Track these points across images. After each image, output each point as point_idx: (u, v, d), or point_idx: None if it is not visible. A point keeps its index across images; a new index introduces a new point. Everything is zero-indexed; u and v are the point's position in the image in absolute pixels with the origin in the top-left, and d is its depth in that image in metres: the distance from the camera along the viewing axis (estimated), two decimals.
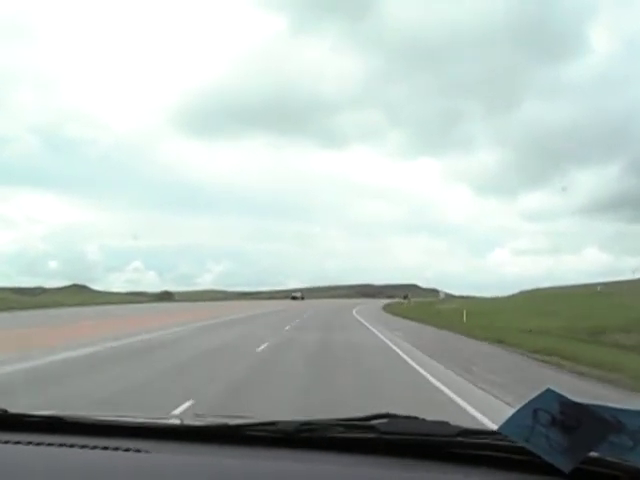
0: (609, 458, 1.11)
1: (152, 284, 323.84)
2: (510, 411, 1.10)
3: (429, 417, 1.42)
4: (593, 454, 1.10)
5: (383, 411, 1.42)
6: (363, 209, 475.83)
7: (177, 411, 7.14)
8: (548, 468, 1.12)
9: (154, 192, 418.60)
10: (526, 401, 1.08)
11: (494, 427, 1.20)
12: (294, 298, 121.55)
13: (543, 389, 1.07)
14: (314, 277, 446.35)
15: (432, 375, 11.82)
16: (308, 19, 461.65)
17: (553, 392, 1.06)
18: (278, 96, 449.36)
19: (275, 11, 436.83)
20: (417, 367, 13.28)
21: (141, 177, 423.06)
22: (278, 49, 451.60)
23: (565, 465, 1.10)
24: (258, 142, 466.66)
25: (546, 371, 12.98)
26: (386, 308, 65.71)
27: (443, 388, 10.20)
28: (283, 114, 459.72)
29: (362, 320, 36.97)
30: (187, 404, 7.81)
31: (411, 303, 72.78)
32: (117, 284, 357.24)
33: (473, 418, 7.58)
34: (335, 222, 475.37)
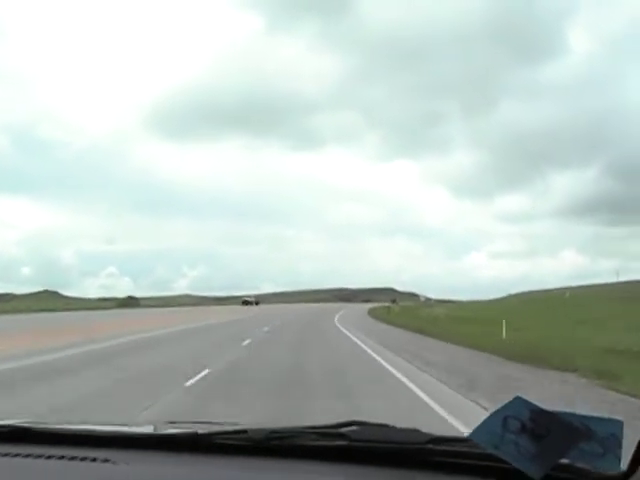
0: (579, 465, 1.11)
1: (126, 290, 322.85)
2: None
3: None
4: (563, 461, 1.10)
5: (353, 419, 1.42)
6: (339, 212, 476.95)
7: None
8: (519, 475, 1.12)
9: (129, 195, 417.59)
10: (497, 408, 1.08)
11: None
12: (246, 303, 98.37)
13: (512, 397, 1.08)
14: (289, 281, 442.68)
15: None
16: (284, 18, 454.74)
17: (522, 399, 1.08)
18: (254, 96, 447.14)
19: (251, 10, 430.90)
20: None
21: (116, 180, 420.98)
22: (254, 48, 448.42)
23: (535, 472, 1.10)
24: (233, 144, 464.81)
25: None
26: (375, 315, 54.41)
27: None
28: (259, 115, 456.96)
29: (352, 337, 24.45)
30: None
31: (397, 309, 65.47)
32: (92, 290, 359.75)
33: None
34: (311, 225, 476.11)
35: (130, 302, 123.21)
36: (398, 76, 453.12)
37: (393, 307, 67.93)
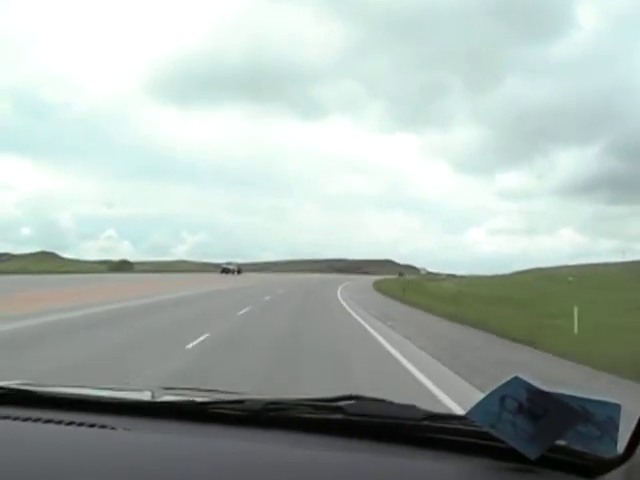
0: (576, 447, 1.10)
1: (126, 253, 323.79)
2: None
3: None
4: (560, 442, 1.10)
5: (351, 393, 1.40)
6: (339, 183, 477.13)
7: None
8: (515, 455, 1.12)
9: (129, 160, 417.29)
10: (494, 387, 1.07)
11: None
12: (226, 271, 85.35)
13: (511, 376, 1.07)
14: (288, 251, 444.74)
15: None
16: None
17: (521, 379, 1.07)
18: (256, 63, 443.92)
19: None
20: None
21: (116, 144, 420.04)
22: (258, 14, 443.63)
23: (531, 452, 1.10)
24: (235, 110, 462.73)
25: None
26: (384, 290, 43.94)
27: None
28: (261, 82, 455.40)
29: (377, 334, 14.54)
30: None
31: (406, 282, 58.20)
32: (91, 252, 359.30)
33: None
34: (311, 196, 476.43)
35: (123, 266, 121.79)
36: (401, 48, 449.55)
37: (402, 281, 60.00)
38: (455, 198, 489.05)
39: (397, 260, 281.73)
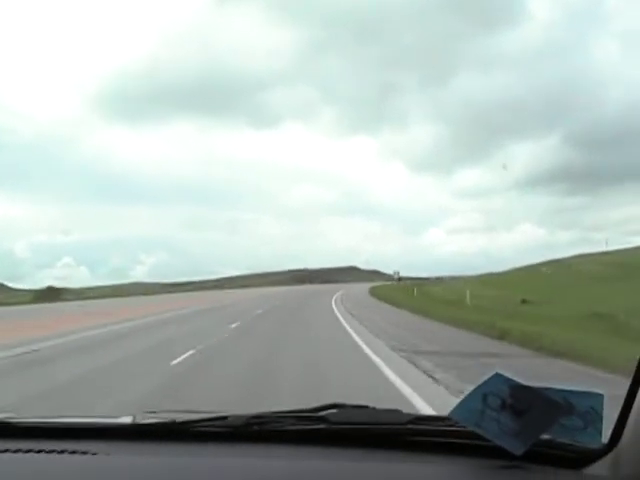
0: (561, 440, 1.11)
1: (83, 279, 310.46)
2: None
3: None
4: (544, 436, 1.10)
5: (332, 401, 1.41)
6: (296, 192, 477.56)
7: None
8: (500, 452, 1.12)
9: (82, 183, 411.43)
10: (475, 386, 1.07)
11: None
12: None
13: (491, 373, 1.07)
14: (249, 264, 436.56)
15: None
16: None
17: (501, 376, 1.06)
18: (206, 74, 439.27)
19: None
20: None
21: (67, 168, 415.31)
22: (205, 24, 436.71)
23: (517, 448, 1.10)
24: (187, 125, 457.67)
25: None
26: (393, 301, 32.65)
27: None
28: (212, 93, 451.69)
29: None
30: None
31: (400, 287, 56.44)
32: (46, 281, 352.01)
33: None
34: (269, 207, 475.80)
35: (49, 294, 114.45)
36: (354, 49, 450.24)
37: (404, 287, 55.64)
38: (414, 199, 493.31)
39: (361, 266, 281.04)
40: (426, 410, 5.87)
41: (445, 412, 1.15)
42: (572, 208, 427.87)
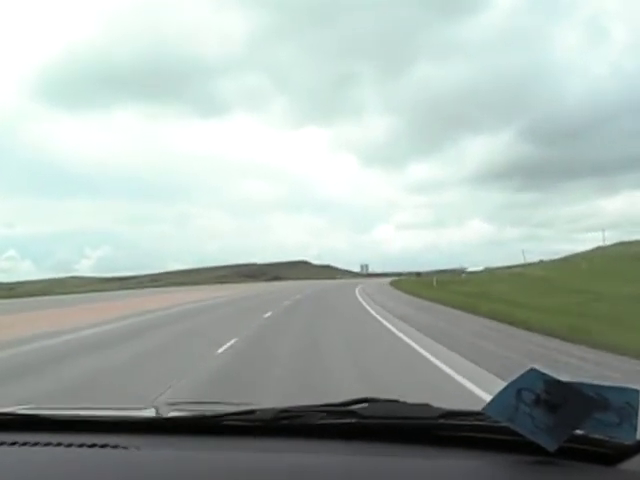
0: (595, 435, 1.10)
1: (28, 273, 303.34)
2: None
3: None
4: (578, 432, 1.10)
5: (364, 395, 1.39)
6: (244, 186, 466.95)
7: None
8: (533, 447, 1.11)
9: (26, 176, 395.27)
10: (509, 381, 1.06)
11: None
12: None
13: (527, 368, 1.07)
14: (196, 259, 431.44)
15: None
16: None
17: (537, 371, 1.06)
18: (152, 59, 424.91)
19: None
20: None
21: (8, 160, 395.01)
22: (151, 6, 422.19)
23: (550, 444, 1.10)
24: (131, 112, 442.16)
25: None
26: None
27: None
28: (158, 80, 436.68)
29: None
30: None
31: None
32: None
33: None
34: (216, 201, 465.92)
35: None
36: (308, 37, 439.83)
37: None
38: (365, 194, 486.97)
39: (312, 261, 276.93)
40: None
41: None
42: (523, 204, 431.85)
